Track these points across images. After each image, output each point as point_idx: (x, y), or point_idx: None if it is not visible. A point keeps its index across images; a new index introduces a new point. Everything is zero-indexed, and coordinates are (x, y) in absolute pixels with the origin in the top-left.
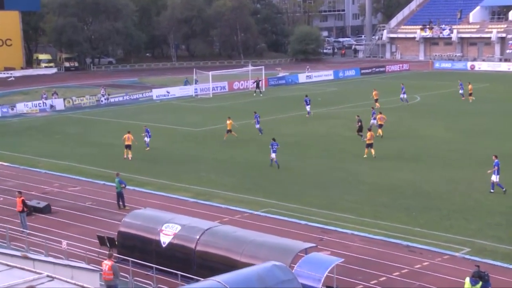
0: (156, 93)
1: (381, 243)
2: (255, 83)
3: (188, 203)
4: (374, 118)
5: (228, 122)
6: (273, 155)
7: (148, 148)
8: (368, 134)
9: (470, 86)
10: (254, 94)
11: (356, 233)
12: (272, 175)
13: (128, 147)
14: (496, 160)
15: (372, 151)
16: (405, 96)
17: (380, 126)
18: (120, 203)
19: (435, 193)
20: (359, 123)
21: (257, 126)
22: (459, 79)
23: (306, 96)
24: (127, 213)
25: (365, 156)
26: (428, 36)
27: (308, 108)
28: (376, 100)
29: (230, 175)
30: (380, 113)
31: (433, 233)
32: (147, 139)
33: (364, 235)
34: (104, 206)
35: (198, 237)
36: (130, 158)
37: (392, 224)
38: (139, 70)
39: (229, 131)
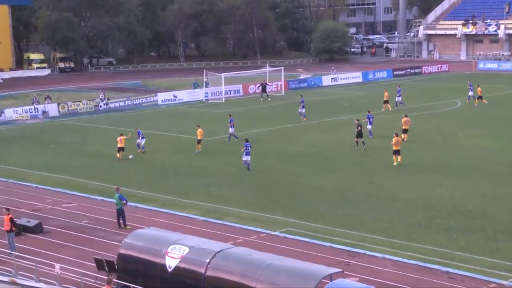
0: (161, 97)
1: (416, 268)
2: (261, 86)
3: (197, 222)
4: (371, 123)
5: (198, 131)
6: (245, 157)
7: (143, 151)
8: (394, 139)
9: (479, 89)
10: (261, 99)
11: (387, 256)
12: (291, 190)
13: (121, 149)
14: None
15: (398, 158)
16: (400, 99)
17: (405, 131)
18: (121, 221)
19: (478, 211)
20: (358, 128)
21: (231, 130)
22: (468, 79)
23: (301, 96)
24: (128, 233)
25: (395, 163)
26: (471, 33)
27: (303, 110)
28: (386, 102)
29: (244, 190)
30: (406, 116)
31: (476, 258)
32: (141, 142)
33: (397, 259)
34: (102, 225)
35: (208, 260)
36: (130, 157)
37: (429, 247)
38: (143, 72)
39: (200, 141)
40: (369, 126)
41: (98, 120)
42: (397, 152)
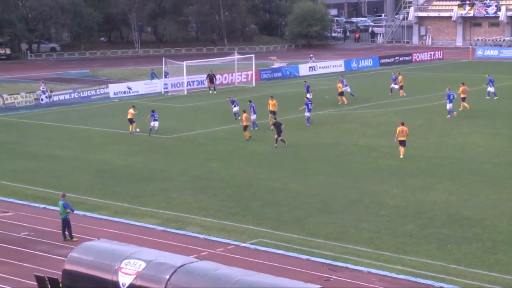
0: (113, 89)
1: (406, 284)
2: (208, 77)
3: (155, 233)
4: (309, 110)
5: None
6: (154, 123)
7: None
8: (398, 129)
9: (400, 78)
10: (210, 92)
11: (373, 271)
12: (264, 195)
13: None
14: None
15: (402, 150)
16: (348, 89)
17: (464, 99)
18: (66, 233)
19: (476, 219)
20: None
21: (235, 109)
22: (393, 71)
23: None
24: (75, 246)
25: (401, 156)
26: (468, 15)
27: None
28: (341, 94)
29: (210, 195)
30: (463, 84)
31: (473, 271)
32: (155, 124)
33: (384, 274)
34: (44, 237)
35: (168, 277)
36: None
37: (421, 259)
38: (91, 60)
39: (131, 120)
40: (307, 114)
41: (40, 116)
42: (402, 143)
